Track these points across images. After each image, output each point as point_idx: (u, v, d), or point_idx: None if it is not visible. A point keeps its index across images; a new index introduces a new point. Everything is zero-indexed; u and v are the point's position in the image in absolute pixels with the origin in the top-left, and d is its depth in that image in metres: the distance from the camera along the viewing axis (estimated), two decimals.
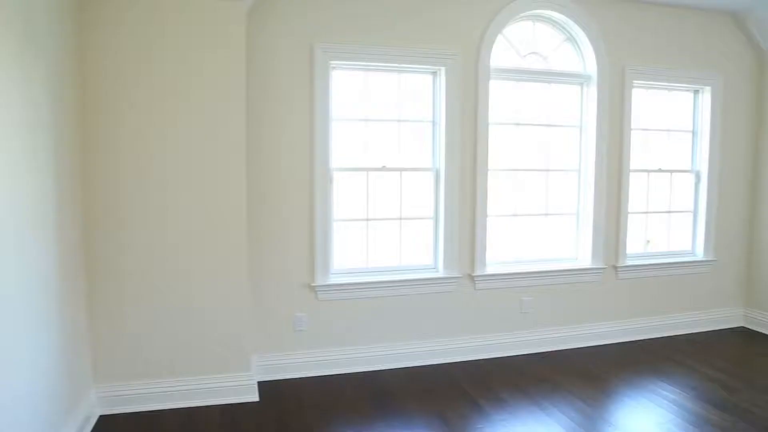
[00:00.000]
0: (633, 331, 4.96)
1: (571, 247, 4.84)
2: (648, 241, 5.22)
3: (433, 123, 4.32)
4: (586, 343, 4.78)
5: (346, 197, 4.20)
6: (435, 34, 4.17)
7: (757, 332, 5.26)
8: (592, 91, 4.66)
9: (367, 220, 4.26)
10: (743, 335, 5.21)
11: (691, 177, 5.22)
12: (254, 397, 3.65)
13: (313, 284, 4.03)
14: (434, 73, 4.28)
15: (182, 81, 3.39)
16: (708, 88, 5.09)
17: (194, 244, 3.49)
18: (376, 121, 4.22)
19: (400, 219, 4.33)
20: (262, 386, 3.81)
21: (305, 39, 3.89)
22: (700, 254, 5.23)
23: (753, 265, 5.38)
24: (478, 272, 4.40)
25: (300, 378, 4.02)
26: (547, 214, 4.76)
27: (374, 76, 4.20)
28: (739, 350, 4.82)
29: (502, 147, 4.56)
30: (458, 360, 4.40)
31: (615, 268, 4.85)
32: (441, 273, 4.34)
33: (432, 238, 4.39)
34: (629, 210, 4.88)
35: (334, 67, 4.03)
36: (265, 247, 3.93)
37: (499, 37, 4.39)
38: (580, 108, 4.75)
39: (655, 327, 5.05)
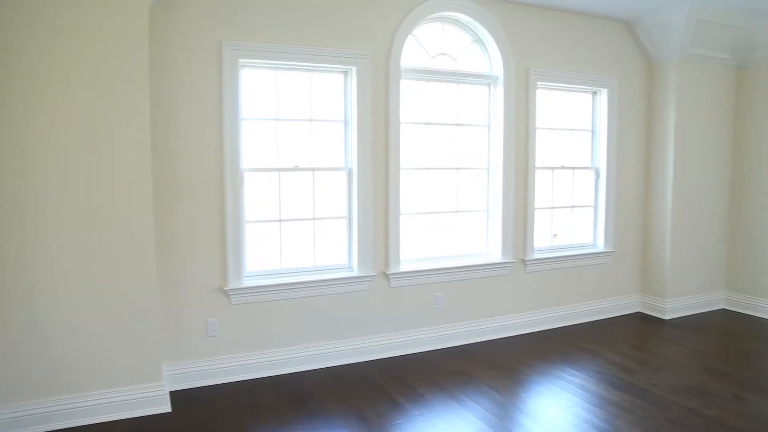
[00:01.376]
0: (541, 322, 5.19)
1: (481, 242, 5.00)
2: (555, 235, 5.48)
3: (345, 122, 4.32)
4: (498, 335, 4.95)
5: (258, 198, 4.12)
6: (346, 33, 4.18)
7: (652, 316, 5.65)
8: (499, 92, 4.83)
9: (280, 221, 4.20)
10: (640, 320, 5.58)
11: (592, 173, 5.53)
12: (166, 407, 3.50)
13: (225, 288, 3.92)
14: (346, 73, 4.28)
15: (77, 77, 3.19)
16: (605, 91, 5.41)
17: (93, 246, 3.28)
18: (288, 121, 4.17)
19: (314, 219, 4.30)
20: (175, 396, 3.67)
21: (213, 36, 3.78)
22: (600, 246, 5.55)
23: (647, 254, 5.77)
24: (392, 270, 4.45)
25: (215, 385, 3.91)
26: (458, 212, 4.89)
27: (286, 75, 4.14)
28: (636, 334, 5.15)
29: (413, 146, 4.64)
30: (376, 358, 4.43)
31: (523, 261, 5.05)
32: (356, 272, 4.35)
33: (346, 237, 4.39)
34: (536, 206, 5.10)
35: (243, 66, 3.94)
36: (174, 252, 3.78)
37: (410, 38, 4.46)
38: (488, 108, 4.91)
39: (561, 316, 5.31)
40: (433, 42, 4.65)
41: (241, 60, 3.87)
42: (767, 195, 5.60)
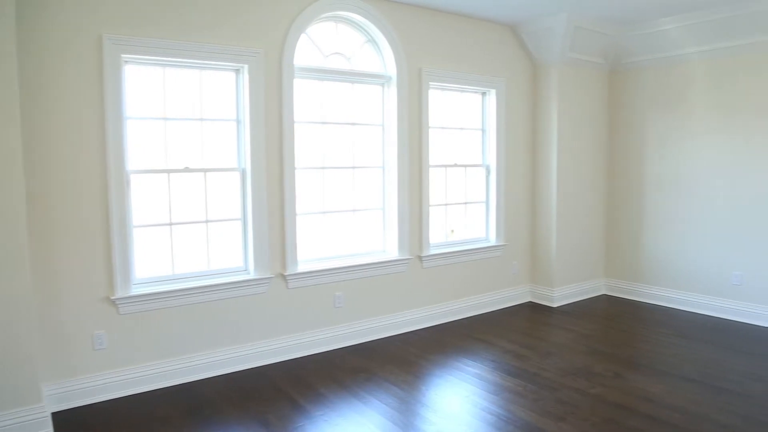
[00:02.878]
0: (440, 315, 5.34)
1: (379, 240, 5.06)
2: (452, 231, 5.65)
3: (238, 122, 4.21)
4: (398, 331, 5.03)
5: (147, 201, 3.92)
6: (237, 30, 4.07)
7: (542, 305, 5.98)
8: (392, 91, 4.91)
9: (171, 224, 4.02)
10: (531, 309, 5.88)
11: (483, 171, 5.76)
12: (48, 430, 3.24)
13: (113, 297, 3.69)
14: (237, 71, 4.17)
15: None
16: (493, 91, 5.65)
17: None
18: (177, 120, 4.00)
19: (207, 222, 4.16)
20: (60, 417, 3.41)
21: (93, 29, 3.53)
22: (492, 240, 5.79)
23: (535, 246, 6.10)
24: (289, 271, 4.40)
25: (104, 401, 3.67)
26: (355, 211, 4.92)
27: (174, 72, 3.96)
28: (527, 323, 5.42)
29: (309, 145, 4.60)
30: (277, 360, 4.36)
31: (420, 258, 5.17)
32: (252, 275, 4.25)
33: (241, 239, 4.28)
34: (430, 203, 5.24)
35: (127, 62, 3.73)
36: (54, 262, 3.50)
37: (303, 37, 4.42)
38: (382, 107, 4.97)
39: (458, 309, 5.49)
40: (327, 41, 4.65)
41: (124, 55, 3.66)
42: (638, 189, 6.11)
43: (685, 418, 3.37)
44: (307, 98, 4.57)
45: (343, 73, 4.70)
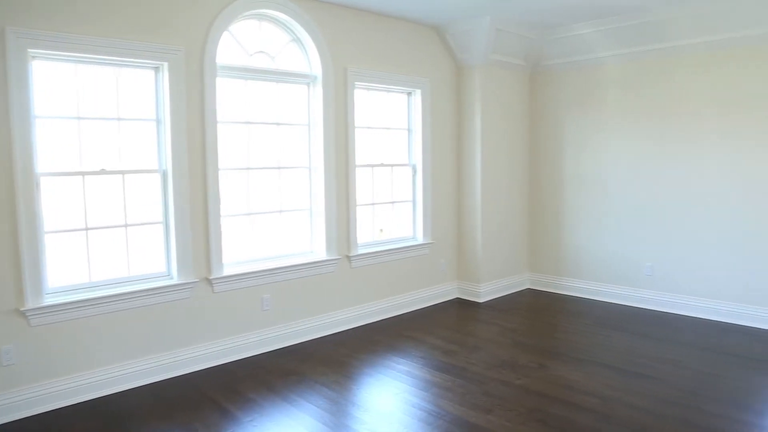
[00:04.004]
0: (370, 315, 5.36)
1: (306, 241, 5.01)
2: (381, 230, 5.68)
3: (158, 121, 4.06)
4: (328, 332, 5.01)
5: (59, 205, 3.71)
6: (156, 27, 3.91)
7: (469, 301, 6.12)
8: (318, 91, 4.88)
9: (87, 229, 3.82)
10: (458, 305, 6.01)
11: (409, 170, 5.83)
12: None
13: (22, 309, 3.46)
14: (156, 69, 4.02)
15: None
16: (419, 91, 5.72)
17: None
18: (92, 120, 3.80)
19: (126, 226, 3.98)
20: None
21: None
22: (420, 238, 5.87)
23: (462, 244, 6.24)
24: (215, 275, 4.28)
25: (16, 421, 3.43)
26: (282, 212, 4.85)
27: (89, 69, 3.76)
28: (455, 319, 5.54)
29: (233, 146, 4.50)
30: (205, 367, 4.24)
31: (348, 257, 5.17)
32: (176, 280, 4.11)
33: (163, 243, 4.13)
34: (358, 203, 5.25)
35: (34, 57, 3.51)
36: None
37: (226, 35, 4.32)
38: (308, 107, 4.93)
39: (388, 308, 5.53)
40: (251, 40, 4.56)
41: (30, 50, 3.44)
42: (559, 187, 6.37)
43: (601, 403, 3.55)
44: (231, 98, 4.46)
45: (268, 72, 4.62)
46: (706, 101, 5.22)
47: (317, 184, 4.96)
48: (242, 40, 4.50)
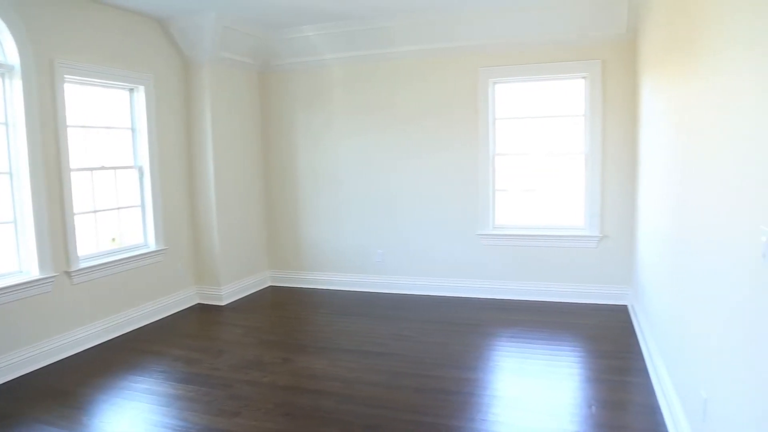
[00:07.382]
0: (99, 334, 4.81)
1: (13, 259, 4.30)
2: (113, 239, 5.17)
3: None
4: (49, 360, 4.34)
5: None
6: None
7: (211, 305, 5.93)
8: (16, 84, 4.20)
9: None
10: (200, 310, 5.79)
11: (136, 172, 5.40)
12: None
13: None
14: None
15: None
16: (142, 87, 5.32)
17: None
18: None
19: None
20: None
21: None
22: (152, 245, 5.49)
23: (198, 247, 6.01)
24: None
25: None
26: None
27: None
28: (197, 325, 5.33)
29: None
30: None
31: (68, 273, 4.57)
32: None
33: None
34: (76, 210, 4.66)
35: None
36: None
37: None
38: (3, 102, 4.21)
39: (123, 322, 5.05)
40: None
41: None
42: (294, 183, 6.56)
43: (343, 385, 3.79)
44: None
45: None
46: (417, 102, 5.90)
47: (23, 191, 4.27)
48: None
